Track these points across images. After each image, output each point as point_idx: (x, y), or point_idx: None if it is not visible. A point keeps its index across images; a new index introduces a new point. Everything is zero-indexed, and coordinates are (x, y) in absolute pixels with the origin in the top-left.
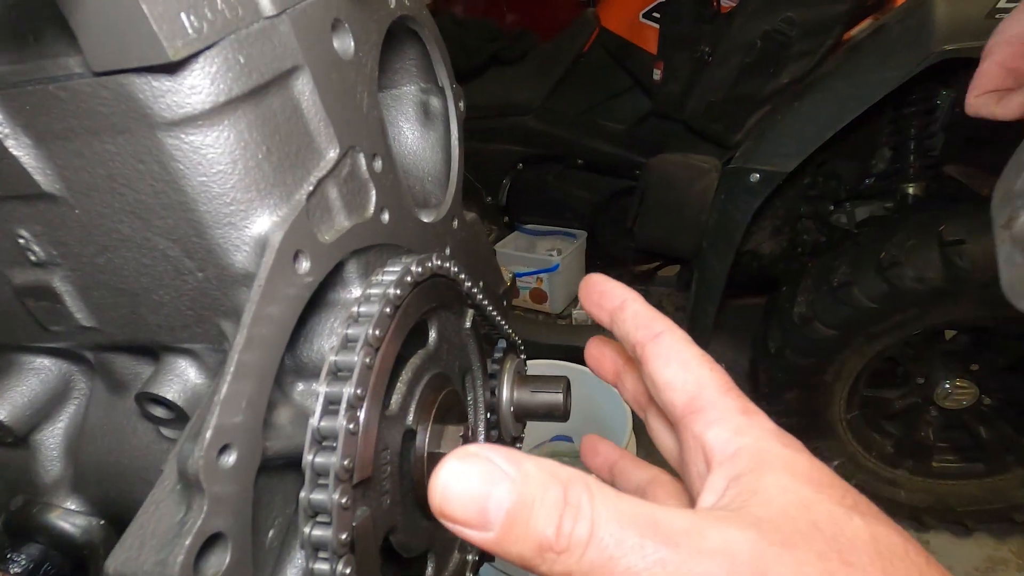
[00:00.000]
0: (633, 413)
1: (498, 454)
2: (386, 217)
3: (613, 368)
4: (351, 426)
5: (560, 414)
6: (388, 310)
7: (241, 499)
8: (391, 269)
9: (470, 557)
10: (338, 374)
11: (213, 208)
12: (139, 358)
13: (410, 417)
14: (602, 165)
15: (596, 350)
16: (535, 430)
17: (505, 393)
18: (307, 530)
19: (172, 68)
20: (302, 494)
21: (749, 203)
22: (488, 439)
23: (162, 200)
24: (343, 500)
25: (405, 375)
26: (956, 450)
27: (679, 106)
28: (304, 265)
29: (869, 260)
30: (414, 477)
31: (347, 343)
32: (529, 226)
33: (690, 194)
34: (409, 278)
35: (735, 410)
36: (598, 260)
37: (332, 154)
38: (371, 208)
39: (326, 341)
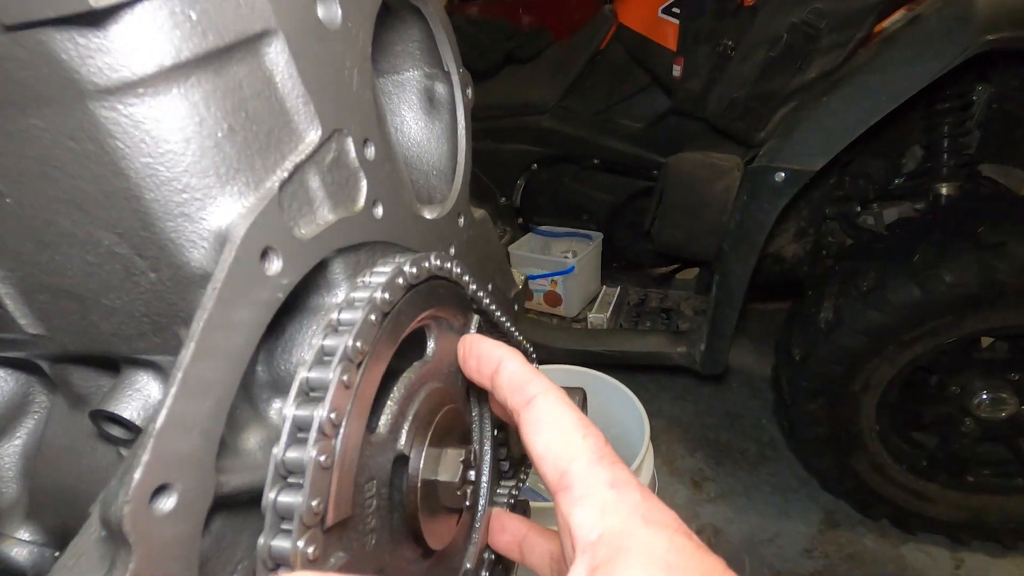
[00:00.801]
0: (650, 417)
1: None
2: (380, 212)
3: (514, 539)
4: (323, 458)
5: None
6: (374, 317)
7: (184, 547)
8: (381, 270)
9: None
10: (310, 394)
11: (162, 196)
12: (100, 371)
13: (402, 440)
14: (619, 165)
15: (496, 523)
16: None
17: None
18: None
19: (100, 20)
20: (260, 540)
21: (773, 204)
22: (496, 458)
23: (102, 186)
24: (310, 549)
25: (397, 391)
26: (993, 463)
27: (700, 103)
28: (275, 264)
29: (902, 264)
30: (407, 511)
31: (323, 357)
32: (544, 227)
33: (711, 194)
34: (401, 280)
35: (603, 484)
36: (614, 263)
37: (313, 136)
38: (361, 201)
39: (306, 352)
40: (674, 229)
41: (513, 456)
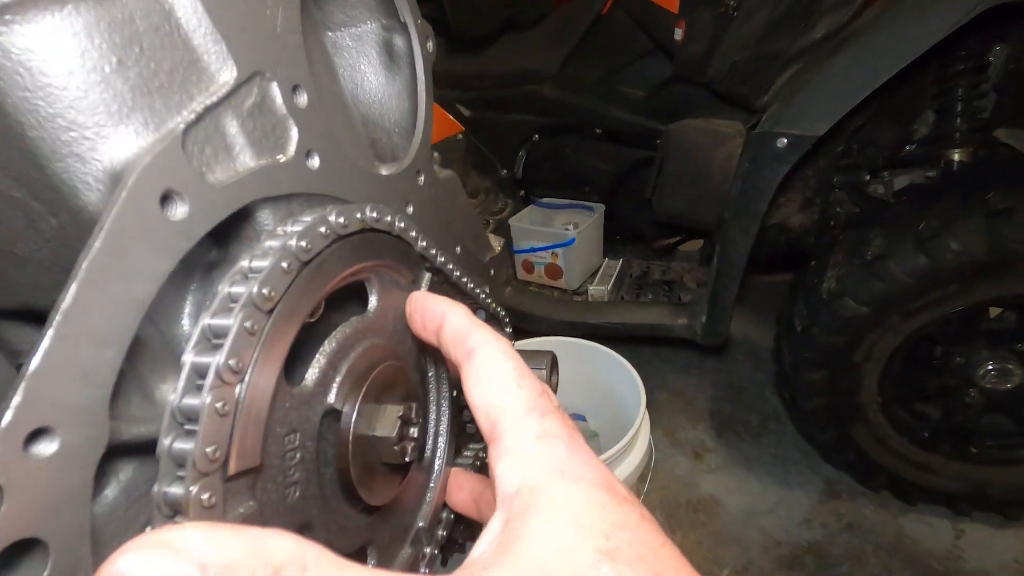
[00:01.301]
0: (646, 385)
1: (195, 538)
2: (315, 163)
3: (470, 497)
4: (220, 405)
5: None
6: (286, 264)
7: (71, 495)
8: (303, 219)
9: (428, 550)
10: (213, 341)
11: (47, 134)
12: (35, 325)
13: (332, 395)
14: (621, 134)
15: (454, 481)
16: None
17: None
18: None
19: None
20: (155, 487)
21: (775, 171)
22: (460, 419)
23: None
24: (205, 496)
25: (328, 345)
26: (997, 435)
27: (701, 68)
28: (179, 209)
29: (907, 231)
30: (338, 465)
31: (229, 304)
32: (545, 200)
33: (712, 162)
34: (325, 229)
35: (531, 435)
36: (617, 235)
37: (227, 78)
38: (292, 150)
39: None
40: (675, 198)
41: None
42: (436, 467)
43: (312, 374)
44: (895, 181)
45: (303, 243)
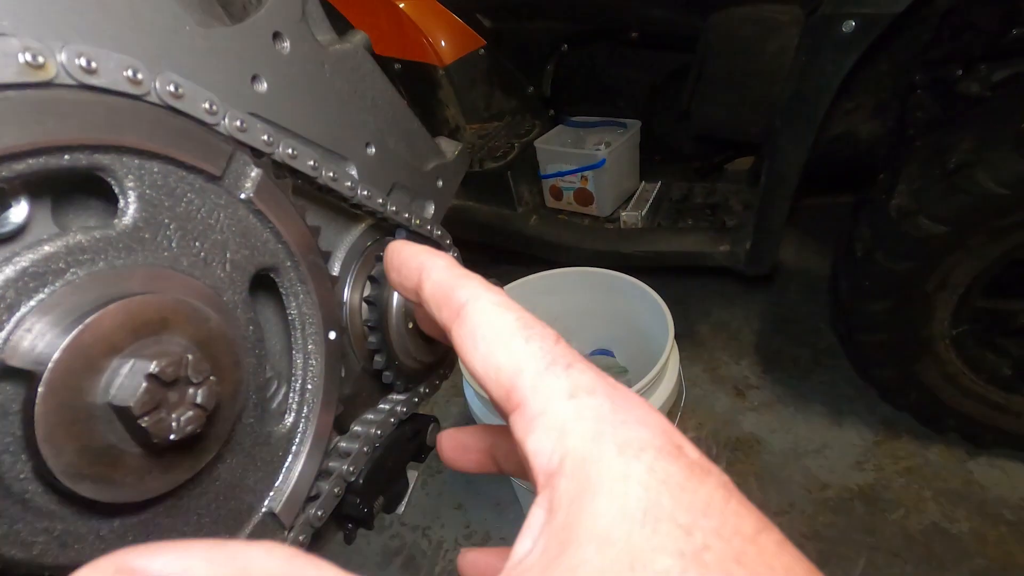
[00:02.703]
0: (675, 319)
1: (162, 559)
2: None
3: (482, 454)
4: None
5: None
6: None
7: None
8: None
9: (287, 535)
10: None
11: None
12: None
13: (4, 350)
14: (659, 37)
15: (452, 443)
16: (572, 344)
17: (396, 303)
18: None
19: None
20: None
21: (839, 63)
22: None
23: None
24: None
25: (5, 270)
26: None
27: None
28: None
29: (1004, 132)
30: (30, 452)
31: None
32: (576, 118)
33: (762, 57)
34: None
35: (560, 394)
36: (656, 154)
37: None
38: None
39: None
40: (716, 105)
41: (402, 366)
42: (299, 433)
43: None
44: (995, 76)
45: None
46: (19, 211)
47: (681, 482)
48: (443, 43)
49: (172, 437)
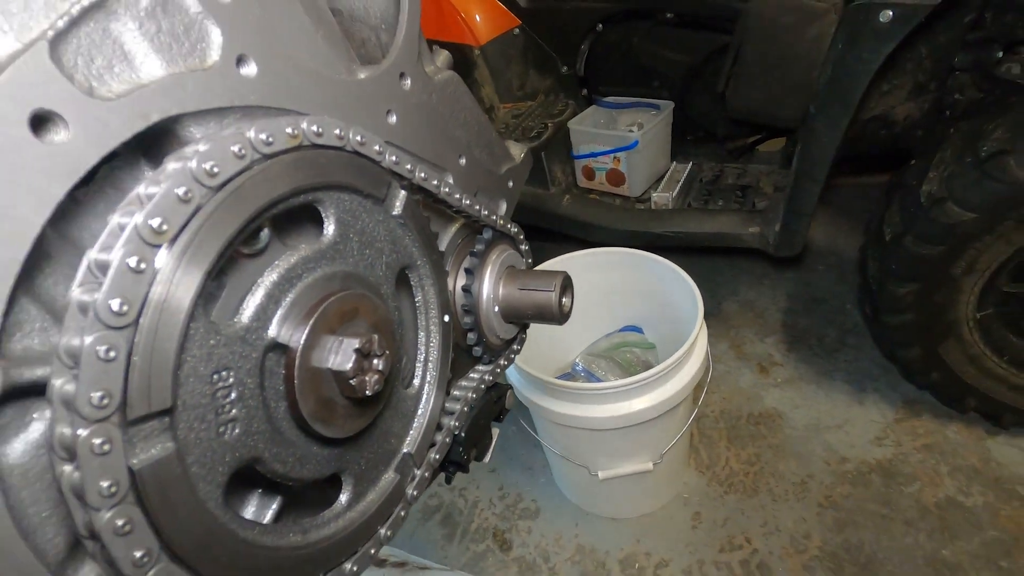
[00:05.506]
0: (703, 297)
1: None
2: (251, 69)
3: None
4: (103, 349)
5: (552, 316)
6: (183, 191)
7: None
8: (219, 136)
9: (417, 473)
10: (98, 279)
11: None
12: None
13: (272, 328)
14: (696, 18)
15: None
16: (602, 320)
17: (486, 290)
18: (66, 476)
19: None
20: (51, 430)
21: (875, 51)
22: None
23: None
24: (97, 441)
25: (266, 277)
26: None
27: None
28: (59, 130)
29: None
30: (289, 398)
31: (117, 235)
32: (610, 99)
33: (799, 44)
34: (239, 148)
35: None
36: (688, 135)
37: None
38: (215, 55)
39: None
40: (752, 89)
41: (488, 342)
42: (425, 394)
43: (246, 309)
44: None
45: (207, 165)
46: (265, 235)
47: None
48: (479, 23)
49: (368, 392)
